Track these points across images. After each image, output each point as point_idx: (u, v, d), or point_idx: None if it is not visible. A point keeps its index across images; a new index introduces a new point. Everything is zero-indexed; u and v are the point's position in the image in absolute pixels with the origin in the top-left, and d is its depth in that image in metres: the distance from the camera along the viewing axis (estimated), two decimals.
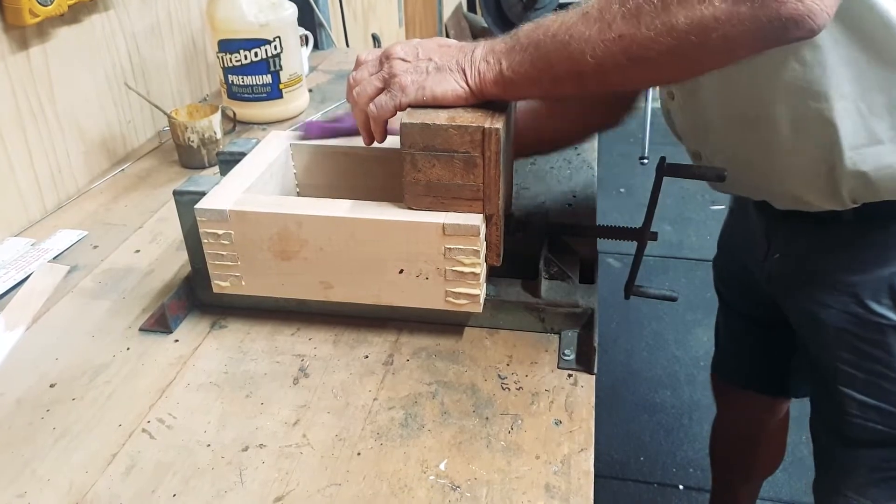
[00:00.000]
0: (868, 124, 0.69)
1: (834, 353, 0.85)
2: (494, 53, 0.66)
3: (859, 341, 0.82)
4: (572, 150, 1.18)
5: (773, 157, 0.76)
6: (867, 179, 0.72)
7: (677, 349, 2.18)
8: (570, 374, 0.72)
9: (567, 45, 0.61)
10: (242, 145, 0.86)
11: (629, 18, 0.57)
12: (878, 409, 0.84)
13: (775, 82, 0.70)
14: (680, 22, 0.55)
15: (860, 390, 0.84)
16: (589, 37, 0.59)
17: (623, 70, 0.60)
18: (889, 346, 0.80)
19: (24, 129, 1.03)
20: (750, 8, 0.53)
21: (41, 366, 0.76)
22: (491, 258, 0.73)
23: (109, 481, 0.62)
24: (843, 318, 0.82)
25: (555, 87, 0.65)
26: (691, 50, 0.57)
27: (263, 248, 0.73)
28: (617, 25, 0.58)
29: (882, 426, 0.85)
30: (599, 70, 0.60)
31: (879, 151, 0.70)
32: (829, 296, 0.82)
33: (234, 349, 0.77)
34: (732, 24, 0.54)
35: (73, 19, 1.10)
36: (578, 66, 0.61)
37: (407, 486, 0.60)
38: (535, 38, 0.63)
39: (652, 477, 1.79)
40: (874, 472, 0.90)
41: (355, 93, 0.71)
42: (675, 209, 2.86)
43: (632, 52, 0.58)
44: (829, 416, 0.91)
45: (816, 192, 0.76)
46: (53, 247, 0.96)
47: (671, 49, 0.57)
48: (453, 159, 0.67)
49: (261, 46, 1.27)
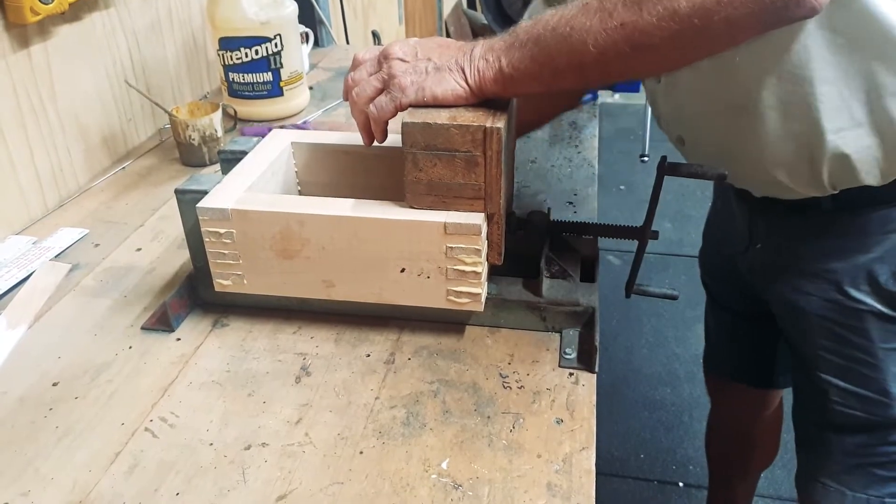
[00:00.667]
0: (849, 107, 0.70)
1: (814, 341, 0.86)
2: (493, 51, 0.66)
3: (839, 328, 0.83)
4: (573, 149, 1.18)
5: (756, 143, 0.77)
6: (848, 162, 0.72)
7: (677, 346, 2.18)
8: (572, 372, 0.72)
9: (568, 37, 0.61)
10: (243, 143, 0.86)
11: (630, 6, 0.58)
12: (858, 395, 0.85)
13: (760, 69, 0.71)
14: (682, 6, 0.56)
15: (840, 377, 0.85)
16: (590, 27, 0.60)
17: (625, 58, 0.60)
18: (868, 332, 0.81)
19: (26, 127, 1.03)
20: None
21: (43, 364, 0.76)
22: (492, 257, 0.73)
23: (112, 480, 0.62)
24: (823, 305, 0.83)
25: (556, 81, 0.65)
26: (694, 35, 0.57)
27: (265, 247, 0.73)
28: (618, 14, 0.58)
29: (861, 412, 0.86)
30: (602, 60, 0.61)
31: (859, 133, 0.71)
32: (810, 283, 0.83)
33: (236, 348, 0.77)
34: (734, 6, 0.55)
35: (73, 17, 1.10)
36: (580, 58, 0.61)
37: (409, 485, 0.61)
38: (534, 33, 0.64)
39: (652, 474, 1.80)
40: (849, 458, 0.91)
41: (354, 93, 0.71)
42: (675, 206, 2.86)
43: (634, 39, 0.58)
44: (810, 403, 0.92)
45: (798, 178, 0.76)
46: (55, 245, 0.97)
47: (674, 34, 0.57)
48: (455, 158, 0.67)
49: (261, 44, 1.27)
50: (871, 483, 0.91)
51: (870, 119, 0.70)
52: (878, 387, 0.83)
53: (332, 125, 1.33)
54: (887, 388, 0.83)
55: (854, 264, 0.79)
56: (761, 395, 1.23)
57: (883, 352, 0.82)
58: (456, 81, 0.67)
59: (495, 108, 0.68)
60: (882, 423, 0.85)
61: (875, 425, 0.86)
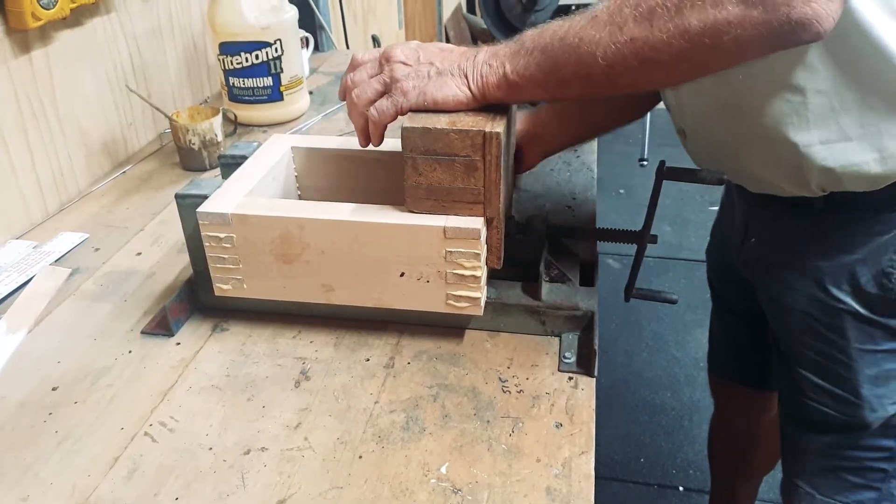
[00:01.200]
0: (838, 120, 0.70)
1: (797, 337, 0.87)
2: (497, 57, 0.66)
3: (819, 325, 0.84)
4: (571, 153, 1.18)
5: (749, 143, 0.77)
6: (833, 174, 0.73)
7: (677, 350, 2.18)
8: (571, 376, 0.72)
9: (577, 47, 0.61)
10: (244, 148, 0.87)
11: (641, 21, 0.58)
12: (831, 394, 0.86)
13: (756, 74, 0.71)
14: (693, 25, 0.56)
15: (816, 373, 0.86)
16: (599, 39, 0.60)
17: (633, 72, 0.61)
18: (844, 331, 0.82)
19: (27, 131, 1.03)
20: (762, 12, 0.54)
21: (43, 369, 0.76)
22: (492, 261, 0.74)
23: (112, 485, 0.62)
24: (807, 301, 0.83)
25: (561, 90, 0.66)
26: (703, 52, 0.58)
27: (265, 252, 0.74)
28: (629, 28, 0.58)
29: (834, 411, 0.86)
30: (609, 72, 0.61)
31: (846, 148, 0.71)
32: (796, 280, 0.84)
33: (235, 352, 0.77)
34: (744, 28, 0.55)
35: (74, 22, 1.10)
36: (588, 69, 0.61)
37: (408, 490, 0.61)
38: (541, 41, 0.64)
39: (652, 478, 1.79)
40: (822, 459, 0.92)
41: (354, 95, 0.70)
42: (675, 210, 2.87)
43: (643, 54, 0.59)
44: (789, 400, 0.93)
45: (788, 180, 0.77)
46: (55, 249, 0.97)
47: (683, 52, 0.58)
48: (454, 163, 0.67)
49: (262, 49, 1.28)
50: (840, 488, 0.92)
51: (859, 133, 0.70)
52: (850, 387, 0.84)
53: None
54: (859, 389, 0.84)
55: (838, 263, 0.80)
56: (764, 397, 1.23)
57: (857, 352, 0.82)
58: (458, 87, 0.67)
59: (494, 112, 0.68)
60: (853, 424, 0.86)
61: (846, 426, 0.87)
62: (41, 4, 0.98)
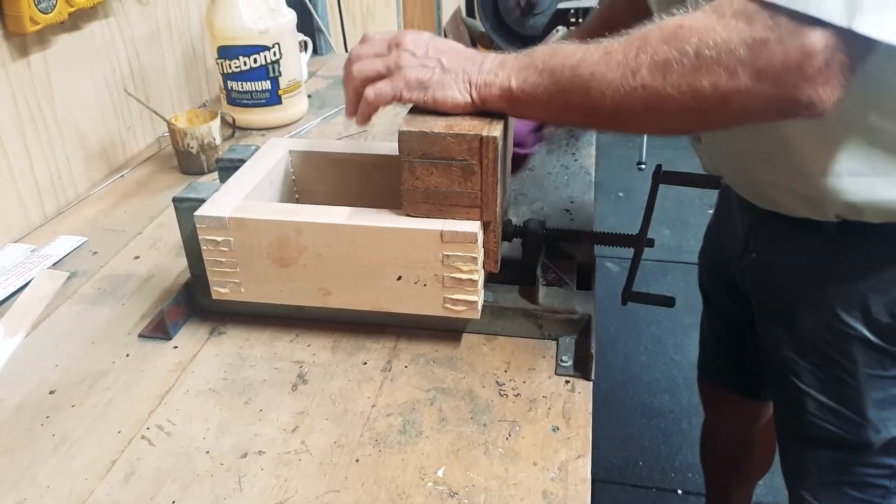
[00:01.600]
0: (871, 154, 0.70)
1: (802, 355, 0.86)
2: (504, 68, 0.66)
3: (827, 347, 0.83)
4: (570, 156, 1.19)
5: (770, 162, 0.77)
6: (856, 206, 0.73)
7: (676, 353, 2.18)
8: (568, 380, 0.72)
9: (587, 81, 0.61)
10: (242, 152, 0.87)
11: (655, 71, 0.58)
12: (835, 412, 0.85)
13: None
14: (705, 88, 0.57)
15: (820, 391, 0.86)
16: (611, 80, 0.60)
17: (638, 115, 0.61)
18: (853, 356, 0.81)
19: (25, 135, 1.03)
20: (772, 88, 0.55)
21: (41, 372, 0.76)
22: (489, 265, 0.74)
23: (109, 488, 0.62)
24: (816, 323, 0.83)
25: (564, 115, 0.66)
26: (709, 112, 0.59)
27: (262, 255, 0.74)
28: (642, 75, 0.58)
29: (837, 428, 0.86)
30: (615, 111, 0.61)
31: (874, 182, 0.71)
32: (804, 301, 0.83)
33: (233, 355, 0.77)
34: (752, 99, 0.56)
35: (73, 26, 1.10)
36: (595, 104, 0.62)
37: (405, 493, 0.61)
38: (552, 65, 0.63)
39: (650, 481, 1.79)
40: (824, 474, 0.92)
41: (354, 69, 0.70)
42: (674, 213, 2.87)
43: (651, 103, 0.59)
44: (790, 414, 0.93)
45: (804, 204, 0.77)
46: (53, 253, 0.97)
47: (689, 108, 0.58)
48: (451, 167, 0.68)
49: (260, 52, 1.28)
50: (843, 502, 0.91)
51: (890, 169, 0.70)
52: (855, 407, 0.84)
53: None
54: (864, 410, 0.83)
55: (851, 290, 0.79)
56: (753, 405, 1.22)
57: (865, 377, 0.82)
58: (459, 90, 0.67)
59: (491, 116, 0.68)
60: (857, 443, 0.86)
61: (850, 444, 0.86)
62: (39, 8, 0.98)
